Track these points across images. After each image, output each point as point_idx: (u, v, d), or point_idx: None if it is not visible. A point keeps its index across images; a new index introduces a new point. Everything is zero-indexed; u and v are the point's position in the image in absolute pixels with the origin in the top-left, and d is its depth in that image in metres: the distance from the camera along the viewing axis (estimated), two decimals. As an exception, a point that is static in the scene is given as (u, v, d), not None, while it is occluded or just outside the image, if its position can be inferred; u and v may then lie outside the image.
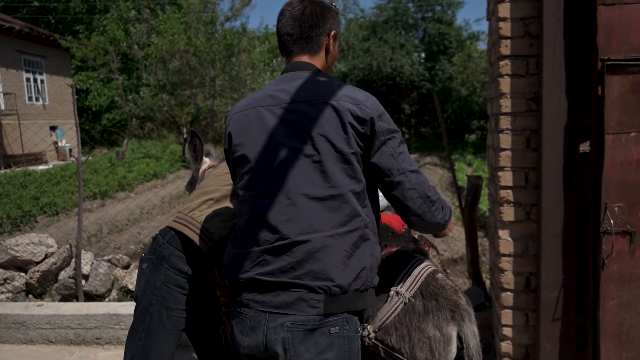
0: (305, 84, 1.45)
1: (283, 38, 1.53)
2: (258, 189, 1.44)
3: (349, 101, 1.40)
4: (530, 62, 2.31)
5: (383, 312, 1.75)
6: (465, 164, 13.04)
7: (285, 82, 1.48)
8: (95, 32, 19.96)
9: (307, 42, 1.52)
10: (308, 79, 1.47)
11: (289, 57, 1.55)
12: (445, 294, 1.74)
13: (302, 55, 1.53)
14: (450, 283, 1.79)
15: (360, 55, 18.71)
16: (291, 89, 1.45)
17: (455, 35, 19.09)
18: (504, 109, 2.36)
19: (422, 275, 1.78)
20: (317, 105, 1.40)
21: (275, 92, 1.47)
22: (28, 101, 19.72)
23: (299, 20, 1.50)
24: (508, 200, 2.39)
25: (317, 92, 1.42)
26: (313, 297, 1.37)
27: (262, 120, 1.45)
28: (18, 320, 3.72)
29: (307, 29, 1.50)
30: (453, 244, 5.86)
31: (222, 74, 16.85)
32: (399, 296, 1.74)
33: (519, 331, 2.45)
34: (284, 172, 1.40)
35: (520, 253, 2.41)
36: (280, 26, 1.54)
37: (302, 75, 1.48)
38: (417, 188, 1.45)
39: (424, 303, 1.74)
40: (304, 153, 1.39)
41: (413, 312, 1.73)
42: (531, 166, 2.35)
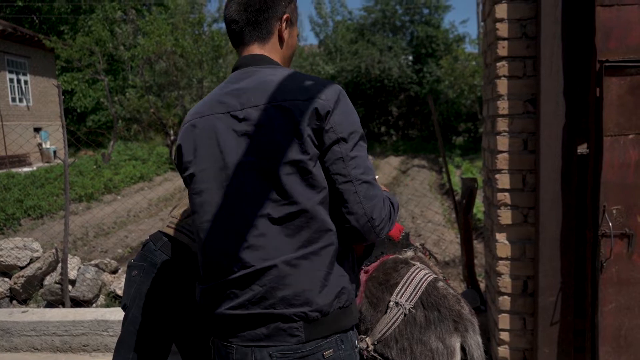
0: (254, 85, 1.29)
1: (230, 27, 1.37)
2: (211, 213, 1.28)
3: (300, 98, 1.23)
4: (528, 64, 2.29)
5: (382, 324, 1.70)
6: (453, 166, 13.09)
7: (235, 81, 1.33)
8: (80, 32, 19.71)
9: (254, 28, 1.35)
10: (256, 78, 1.30)
11: (239, 49, 1.39)
12: (448, 304, 1.69)
13: (251, 46, 1.36)
14: (452, 292, 1.74)
15: (348, 58, 18.70)
16: (240, 91, 1.29)
17: (443, 38, 19.19)
18: (501, 110, 2.33)
19: (422, 284, 1.73)
20: (266, 110, 1.24)
21: (224, 96, 1.31)
22: (12, 102, 19.39)
23: (245, 4, 1.34)
24: (505, 203, 2.37)
25: (265, 94, 1.26)
26: (291, 325, 1.24)
27: (211, 132, 1.28)
28: (1, 328, 3.61)
29: (253, 14, 1.34)
30: (445, 246, 5.85)
31: (209, 76, 16.74)
32: (398, 307, 1.69)
33: (516, 335, 2.42)
34: (238, 193, 1.25)
35: (518, 256, 2.38)
36: (226, 14, 1.38)
37: (252, 73, 1.32)
38: (363, 202, 1.24)
39: (426, 314, 1.69)
40: (258, 168, 1.23)
41: (414, 324, 1.68)
42: (528, 168, 2.33)
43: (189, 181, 1.34)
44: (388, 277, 1.80)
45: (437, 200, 9.22)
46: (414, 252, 2.00)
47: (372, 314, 1.77)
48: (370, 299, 1.79)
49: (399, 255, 1.95)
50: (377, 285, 1.81)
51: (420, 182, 10.57)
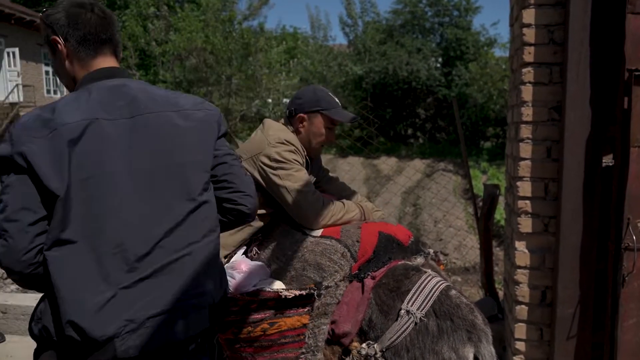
0: (142, 92, 1.37)
1: (91, 38, 1.39)
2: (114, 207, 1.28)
3: (194, 108, 1.41)
4: (554, 70, 2.25)
5: (392, 332, 1.68)
6: (480, 171, 12.91)
7: (117, 90, 1.36)
8: (114, 27, 20.12)
9: (116, 45, 1.44)
10: (140, 87, 1.39)
11: (92, 60, 1.40)
12: (461, 313, 1.67)
13: (111, 59, 1.42)
14: (465, 301, 1.72)
15: (376, 59, 18.62)
16: (127, 97, 1.35)
17: (473, 41, 18.94)
18: (525, 117, 2.30)
19: (434, 292, 1.71)
20: (164, 115, 1.36)
21: (109, 102, 1.33)
22: (46, 94, 19.95)
23: (108, 20, 1.42)
24: (526, 211, 2.33)
25: (160, 102, 1.37)
26: (199, 315, 1.35)
27: (104, 133, 1.29)
28: (27, 312, 3.72)
29: (114, 32, 1.44)
30: (465, 252, 5.78)
31: (238, 73, 16.90)
32: (409, 315, 1.68)
33: (533, 346, 2.38)
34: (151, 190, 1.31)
35: (537, 266, 2.35)
36: (87, 27, 1.39)
37: (129, 82, 1.39)
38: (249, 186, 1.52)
39: (438, 323, 1.67)
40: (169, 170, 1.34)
41: (426, 333, 1.66)
42: (551, 177, 2.29)
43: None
44: (399, 284, 1.79)
45: (461, 205, 9.12)
46: (424, 259, 1.98)
47: (383, 322, 1.76)
48: (381, 306, 1.79)
49: (408, 262, 1.94)
50: (387, 292, 1.80)
51: (444, 185, 10.46)
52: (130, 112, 1.33)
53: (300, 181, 1.99)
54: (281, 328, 1.80)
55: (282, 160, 1.99)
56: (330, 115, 2.13)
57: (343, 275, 1.85)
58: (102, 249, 1.25)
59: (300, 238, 1.97)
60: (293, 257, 1.92)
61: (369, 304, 1.81)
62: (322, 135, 2.16)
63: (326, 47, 22.11)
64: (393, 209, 8.84)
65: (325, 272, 1.84)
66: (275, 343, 1.82)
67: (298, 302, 1.79)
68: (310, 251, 1.91)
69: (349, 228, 1.99)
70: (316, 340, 1.82)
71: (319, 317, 1.82)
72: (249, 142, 2.13)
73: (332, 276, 1.83)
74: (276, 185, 1.99)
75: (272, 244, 2.03)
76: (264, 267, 1.98)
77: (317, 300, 1.79)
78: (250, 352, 1.85)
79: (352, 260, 1.89)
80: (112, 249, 1.26)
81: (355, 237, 1.93)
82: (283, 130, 2.11)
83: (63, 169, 1.23)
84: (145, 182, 1.31)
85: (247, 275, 1.89)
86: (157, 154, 1.33)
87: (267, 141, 2.03)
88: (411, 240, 2.04)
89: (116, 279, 1.25)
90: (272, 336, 1.81)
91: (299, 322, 1.80)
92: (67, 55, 1.39)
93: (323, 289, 1.79)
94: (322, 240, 1.93)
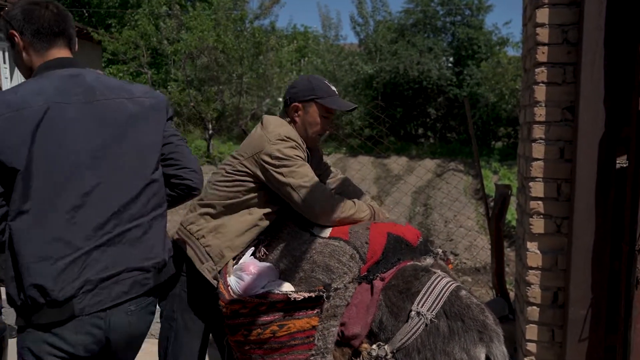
0: (96, 81, 1.57)
1: (44, 31, 1.56)
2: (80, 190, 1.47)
3: (145, 96, 1.62)
4: (568, 70, 2.24)
5: (403, 333, 1.68)
6: (491, 171, 12.82)
7: (74, 78, 1.54)
8: (126, 26, 20.23)
9: (70, 39, 1.63)
10: (94, 76, 1.59)
11: (46, 51, 1.57)
12: (472, 314, 1.66)
13: (65, 50, 1.60)
14: (475, 301, 1.71)
15: (387, 58, 18.55)
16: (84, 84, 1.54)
17: (485, 40, 18.80)
18: (538, 117, 2.29)
19: (444, 293, 1.71)
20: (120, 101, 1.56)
21: (67, 89, 1.50)
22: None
23: (61, 16, 1.61)
24: (538, 212, 2.32)
25: (114, 89, 1.58)
26: (147, 277, 1.58)
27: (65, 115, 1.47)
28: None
29: (67, 27, 1.62)
30: (476, 252, 5.76)
31: (249, 72, 16.91)
32: (420, 316, 1.68)
33: (544, 347, 2.37)
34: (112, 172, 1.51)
35: (549, 267, 2.33)
36: (41, 22, 1.56)
37: (84, 72, 1.58)
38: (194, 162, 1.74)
39: (449, 324, 1.66)
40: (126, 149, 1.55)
41: (437, 334, 1.66)
42: (564, 178, 2.28)
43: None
44: (409, 286, 1.79)
45: (472, 206, 9.07)
46: (434, 259, 1.97)
47: (394, 323, 1.75)
48: (391, 307, 1.78)
49: (417, 263, 1.93)
50: (397, 293, 1.80)
51: (455, 186, 10.41)
52: (88, 98, 1.52)
53: (304, 177, 1.97)
54: (290, 330, 1.80)
55: (284, 158, 1.97)
56: (325, 103, 2.09)
57: (352, 277, 1.85)
58: (62, 219, 1.43)
59: (308, 239, 1.97)
60: (301, 258, 1.92)
61: (379, 305, 1.80)
62: (317, 124, 2.13)
63: (337, 46, 22.08)
64: (404, 209, 8.81)
65: (334, 274, 1.83)
66: (285, 345, 1.82)
67: (307, 304, 1.79)
68: (318, 253, 1.90)
69: (357, 229, 1.98)
70: (326, 342, 1.82)
71: (328, 319, 1.82)
72: (249, 140, 2.11)
73: (341, 278, 1.83)
74: (280, 183, 1.97)
75: (280, 245, 2.03)
76: (273, 269, 1.98)
77: (326, 302, 1.79)
78: (260, 354, 1.86)
79: (361, 262, 1.88)
80: (72, 219, 1.44)
81: (364, 239, 1.92)
82: (282, 125, 2.08)
83: (24, 145, 1.39)
84: (103, 161, 1.49)
85: (256, 277, 1.90)
86: (114, 136, 1.53)
87: (267, 138, 2.01)
88: (420, 241, 2.03)
89: (75, 245, 1.44)
90: (282, 338, 1.81)
91: (309, 324, 1.80)
92: (24, 47, 1.57)
93: (332, 290, 1.79)
94: (331, 241, 1.93)
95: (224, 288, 1.90)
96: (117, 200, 1.50)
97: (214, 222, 2.05)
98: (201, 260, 2.01)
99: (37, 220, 1.41)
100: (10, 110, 1.40)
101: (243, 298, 1.83)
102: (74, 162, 1.45)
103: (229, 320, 1.88)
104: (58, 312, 1.43)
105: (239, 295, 1.86)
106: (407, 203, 9.29)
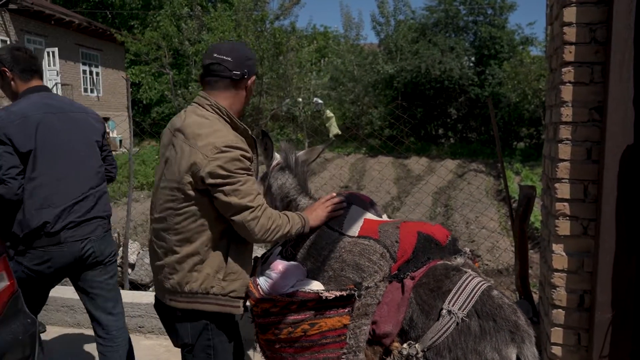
0: (59, 100, 2.57)
1: (27, 69, 2.51)
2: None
3: (89, 111, 2.66)
4: (596, 70, 2.20)
5: (434, 332, 1.68)
6: (512, 172, 12.67)
7: (48, 98, 2.51)
8: (149, 27, 20.51)
9: (41, 73, 2.61)
10: (59, 97, 2.63)
11: (28, 82, 2.52)
12: (504, 314, 1.65)
13: (39, 81, 2.57)
14: (507, 302, 1.70)
15: (408, 58, 18.45)
16: (56, 102, 2.53)
17: (507, 40, 18.57)
18: (565, 117, 2.25)
19: (476, 292, 1.70)
20: (81, 114, 2.58)
21: (47, 104, 2.46)
22: (84, 92, 20.48)
23: (34, 59, 2.55)
24: (564, 214, 2.29)
25: (74, 106, 2.60)
26: (104, 222, 2.57)
27: (53, 121, 2.45)
28: (67, 304, 3.84)
29: (39, 65, 2.59)
30: (498, 254, 5.69)
31: (269, 72, 16.99)
32: (451, 315, 1.67)
33: (569, 351, 2.34)
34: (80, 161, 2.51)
35: (575, 269, 2.30)
36: (24, 63, 2.50)
37: (53, 95, 2.59)
38: None
39: (481, 323, 1.66)
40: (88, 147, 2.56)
41: (468, 333, 1.65)
42: (591, 179, 2.24)
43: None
44: (440, 284, 1.79)
45: (494, 207, 8.97)
46: (464, 259, 1.97)
47: (424, 322, 1.76)
48: (422, 305, 1.78)
49: (447, 262, 1.93)
50: (428, 292, 1.80)
51: (477, 187, 10.31)
52: (62, 110, 2.50)
53: (248, 196, 1.78)
54: (322, 329, 1.81)
55: (226, 175, 1.75)
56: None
57: (383, 275, 1.85)
58: (56, 182, 2.39)
59: (336, 238, 1.97)
60: (330, 257, 1.93)
61: (409, 303, 1.81)
62: (251, 95, 2.01)
63: (357, 46, 22.03)
64: (425, 210, 8.76)
65: (365, 273, 1.84)
66: (316, 343, 1.83)
67: (338, 303, 1.80)
68: (348, 251, 1.91)
69: (387, 228, 1.98)
70: (357, 341, 1.83)
71: (359, 318, 1.82)
72: (174, 165, 1.81)
73: (372, 277, 1.83)
74: (221, 202, 1.78)
75: (306, 244, 2.05)
76: (301, 267, 1.99)
77: (358, 300, 1.80)
78: (291, 352, 1.87)
79: (392, 261, 1.89)
80: (62, 182, 2.41)
81: (394, 237, 1.93)
82: (212, 130, 1.80)
83: (32, 138, 2.34)
84: (77, 154, 2.49)
85: (284, 275, 1.91)
86: (83, 138, 2.53)
87: (202, 155, 1.74)
88: (449, 240, 2.02)
89: (64, 200, 2.41)
90: (313, 337, 1.82)
91: (340, 323, 1.81)
92: (12, 79, 2.50)
93: (363, 289, 1.80)
94: (360, 240, 1.93)
95: (254, 287, 1.93)
96: (85, 173, 2.50)
97: (210, 266, 1.87)
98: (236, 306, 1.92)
99: (39, 183, 2.36)
100: (19, 117, 2.34)
101: (273, 297, 1.84)
102: (62, 149, 2.43)
103: (260, 319, 1.90)
104: (51, 239, 2.38)
105: (268, 294, 1.88)
106: (428, 204, 9.23)
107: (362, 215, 2.08)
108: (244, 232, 1.83)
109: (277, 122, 19.01)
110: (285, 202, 2.26)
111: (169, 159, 1.86)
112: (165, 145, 1.91)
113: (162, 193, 1.87)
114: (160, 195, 1.88)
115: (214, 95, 1.90)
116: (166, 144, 1.91)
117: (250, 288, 1.93)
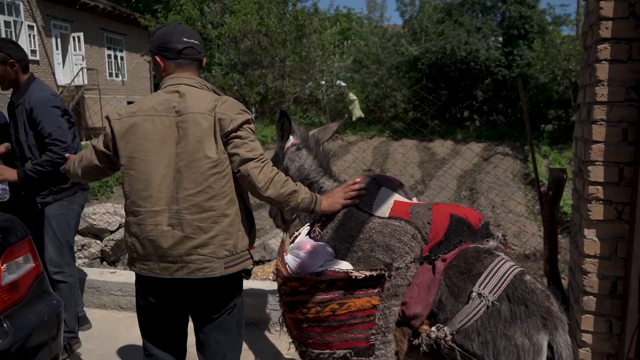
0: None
1: (29, 62, 3.10)
2: None
3: None
4: (634, 47, 2.09)
5: (463, 314, 1.64)
6: (540, 155, 12.40)
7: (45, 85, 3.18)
8: (172, 11, 20.55)
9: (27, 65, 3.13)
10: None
11: (26, 73, 3.05)
12: (536, 299, 1.60)
13: (30, 74, 3.11)
14: (540, 287, 1.64)
15: (433, 39, 18.08)
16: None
17: (537, 19, 18.03)
18: (600, 97, 2.15)
19: (508, 276, 1.65)
20: None
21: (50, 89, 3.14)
22: (109, 77, 20.72)
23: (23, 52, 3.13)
24: (597, 197, 2.20)
25: None
26: None
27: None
28: (93, 285, 3.91)
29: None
30: (526, 239, 5.58)
31: (292, 55, 16.90)
32: (481, 298, 1.63)
33: (600, 339, 2.27)
34: None
35: (608, 255, 2.22)
36: (26, 59, 3.06)
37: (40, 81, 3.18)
38: None
39: (511, 308, 1.61)
40: None
41: (498, 317, 1.60)
42: (627, 161, 2.15)
43: None
44: (470, 267, 1.74)
45: (521, 191, 8.80)
46: (496, 243, 1.91)
47: (453, 304, 1.72)
48: (451, 287, 1.75)
49: (480, 245, 1.88)
50: (458, 274, 1.76)
51: (504, 170, 10.12)
52: None
53: (254, 150, 1.87)
54: (351, 309, 1.80)
55: (241, 131, 1.88)
56: None
57: (414, 256, 1.82)
58: None
59: (366, 219, 1.94)
60: (359, 238, 1.90)
61: (439, 285, 1.77)
62: None
63: (381, 27, 21.71)
64: (449, 193, 8.64)
65: (395, 254, 1.81)
66: (345, 323, 1.82)
67: (368, 283, 1.78)
68: (378, 232, 1.87)
69: (418, 209, 1.94)
70: (387, 322, 1.81)
71: (389, 299, 1.80)
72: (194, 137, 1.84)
73: (403, 257, 1.80)
74: (230, 154, 1.86)
75: (334, 225, 2.01)
76: (329, 248, 1.97)
77: (388, 281, 1.77)
78: (319, 332, 1.86)
79: (423, 242, 1.85)
80: None
81: (427, 219, 1.89)
82: (223, 98, 1.93)
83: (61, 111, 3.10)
84: None
85: (312, 255, 1.89)
86: None
87: (226, 115, 1.85)
88: (482, 224, 1.97)
89: None
90: (342, 316, 1.81)
91: (369, 303, 1.79)
92: (16, 71, 2.97)
93: (394, 270, 1.77)
94: (391, 221, 1.89)
95: (282, 266, 1.92)
96: None
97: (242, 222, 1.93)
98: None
99: None
100: (55, 96, 3.03)
101: (302, 275, 1.83)
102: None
103: (288, 297, 1.89)
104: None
105: (297, 273, 1.86)
106: (452, 187, 9.11)
107: (392, 197, 2.04)
108: (249, 184, 1.86)
109: (300, 105, 18.95)
110: (306, 185, 2.20)
111: (186, 136, 1.84)
112: (164, 129, 1.86)
113: (193, 167, 1.83)
114: (189, 172, 1.83)
115: (189, 76, 1.97)
116: (168, 126, 1.86)
117: (278, 266, 1.92)
